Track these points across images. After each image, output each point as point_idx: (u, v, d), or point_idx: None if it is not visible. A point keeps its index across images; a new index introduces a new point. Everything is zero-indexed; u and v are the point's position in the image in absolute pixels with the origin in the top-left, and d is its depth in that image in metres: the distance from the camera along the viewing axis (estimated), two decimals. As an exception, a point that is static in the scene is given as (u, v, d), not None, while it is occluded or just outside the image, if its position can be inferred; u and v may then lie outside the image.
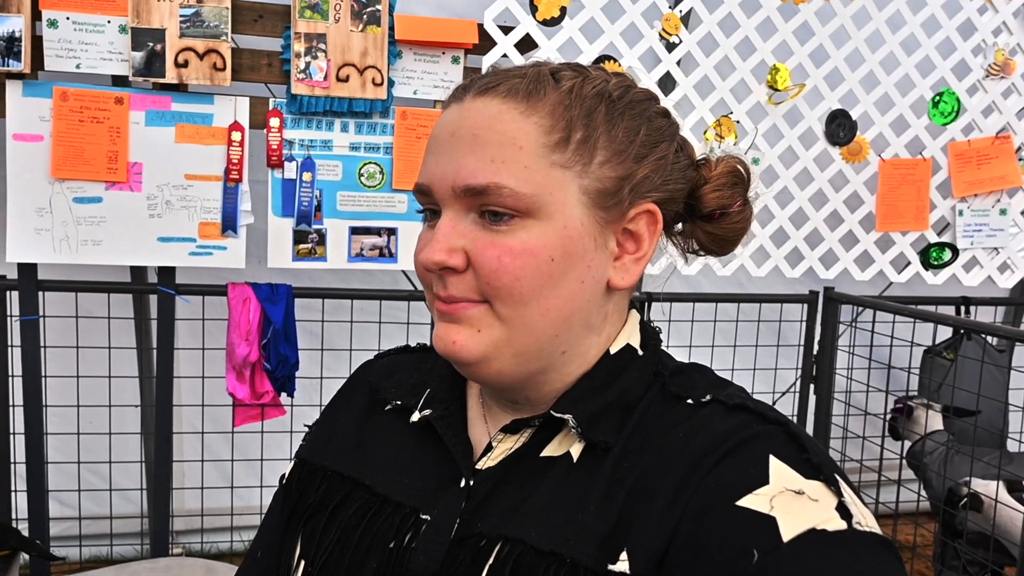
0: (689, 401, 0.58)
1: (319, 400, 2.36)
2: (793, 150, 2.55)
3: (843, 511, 0.48)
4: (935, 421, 2.51)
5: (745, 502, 0.49)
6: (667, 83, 2.47)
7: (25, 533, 2.11)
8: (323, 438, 0.70)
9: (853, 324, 2.82)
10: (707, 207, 0.63)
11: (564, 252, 0.55)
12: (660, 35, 2.39)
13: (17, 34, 1.99)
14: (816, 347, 2.67)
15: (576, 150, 0.56)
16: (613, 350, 0.61)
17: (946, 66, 2.64)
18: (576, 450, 0.57)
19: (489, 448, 0.60)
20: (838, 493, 0.49)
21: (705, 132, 2.48)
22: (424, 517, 0.59)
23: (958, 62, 2.65)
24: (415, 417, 0.65)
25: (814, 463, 0.51)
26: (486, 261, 0.55)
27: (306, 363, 2.27)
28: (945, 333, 2.78)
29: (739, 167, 0.65)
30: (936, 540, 2.60)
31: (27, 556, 2.14)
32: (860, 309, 2.76)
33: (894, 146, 2.65)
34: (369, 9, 2.18)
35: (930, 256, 2.71)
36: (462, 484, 0.60)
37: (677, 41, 2.41)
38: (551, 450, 0.58)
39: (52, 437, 2.22)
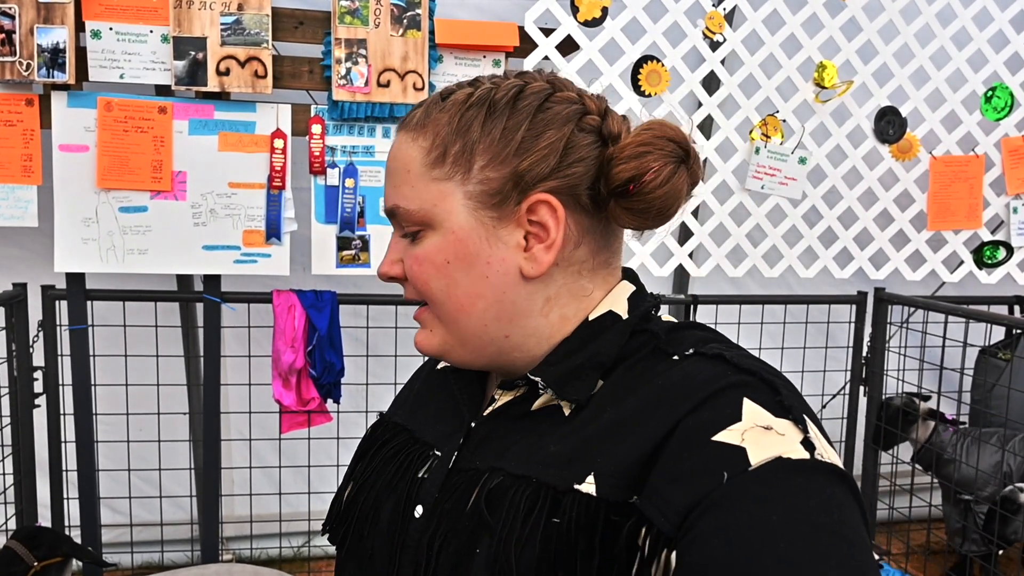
0: (675, 357, 0.57)
1: (365, 406, 2.17)
2: (841, 149, 2.29)
3: (807, 444, 0.49)
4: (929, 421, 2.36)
5: (719, 436, 0.49)
6: (711, 82, 2.23)
7: (77, 540, 1.97)
8: (402, 398, 0.75)
9: (904, 325, 2.54)
10: (613, 183, 0.57)
11: (456, 254, 0.58)
12: (704, 34, 2.15)
13: (61, 45, 1.83)
14: (866, 349, 2.41)
15: (454, 162, 0.57)
16: (592, 316, 0.60)
17: (999, 60, 2.36)
18: (567, 406, 0.58)
19: (493, 400, 0.63)
20: (804, 431, 0.50)
21: (751, 131, 2.23)
22: (436, 453, 0.63)
23: (1011, 55, 2.37)
24: (440, 366, 0.72)
25: (785, 404, 0.51)
26: (407, 271, 0.60)
27: (351, 369, 2.09)
28: (1000, 334, 2.49)
29: (651, 133, 0.57)
30: (946, 514, 2.42)
31: (79, 563, 1.99)
32: (911, 310, 2.48)
33: (945, 143, 2.37)
34: (409, 13, 1.98)
35: (984, 255, 2.43)
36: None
37: (721, 40, 2.17)
38: (539, 404, 0.60)
39: (102, 445, 2.07)
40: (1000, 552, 2.24)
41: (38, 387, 1.99)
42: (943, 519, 2.47)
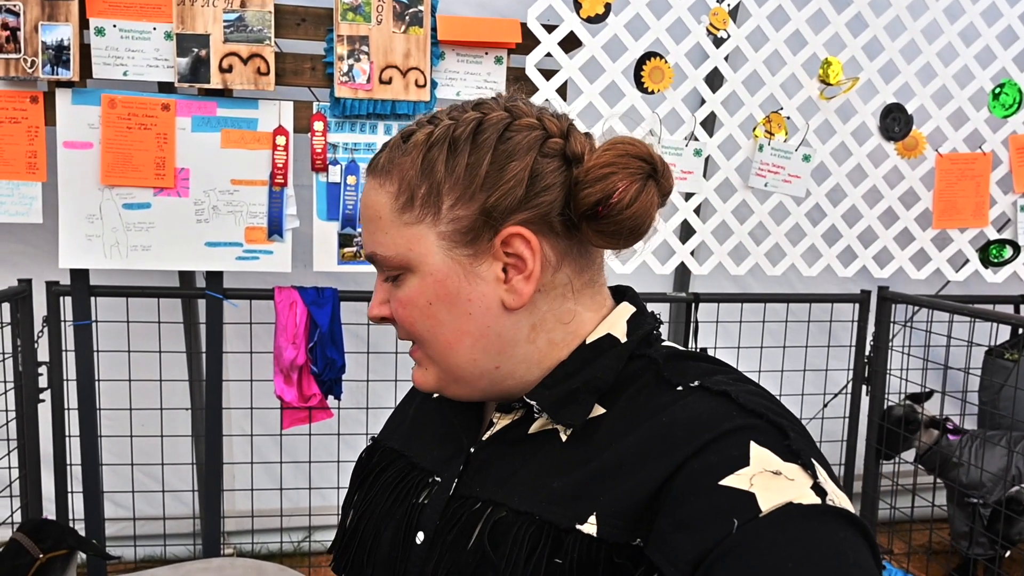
0: (679, 388, 0.56)
1: (366, 403, 2.19)
2: (846, 146, 2.29)
3: (818, 490, 0.48)
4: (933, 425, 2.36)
5: (727, 481, 0.49)
6: (715, 79, 2.23)
7: (82, 533, 1.99)
8: (396, 422, 0.74)
9: (908, 324, 2.54)
10: (581, 207, 0.56)
11: (437, 295, 0.58)
12: (708, 30, 2.14)
13: (66, 43, 1.85)
14: (869, 348, 2.40)
15: (422, 205, 0.57)
16: (590, 340, 0.60)
17: (1007, 56, 2.34)
18: (564, 431, 0.58)
19: (491, 424, 0.63)
20: (814, 476, 0.49)
21: (754, 129, 2.23)
22: (436, 479, 0.63)
23: (1020, 51, 2.36)
24: (436, 394, 0.70)
25: (793, 449, 0.50)
26: (394, 313, 0.61)
27: (352, 366, 2.10)
28: (1006, 333, 2.49)
29: (613, 152, 0.56)
30: (951, 516, 2.40)
31: (84, 556, 2.02)
32: (915, 309, 2.47)
33: (952, 140, 2.36)
34: (411, 10, 1.99)
35: (990, 253, 2.42)
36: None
37: (725, 36, 2.17)
38: (536, 427, 0.60)
39: (106, 440, 2.10)
40: (1007, 554, 2.24)
41: (43, 382, 2.01)
42: (947, 519, 2.47)
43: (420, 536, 0.60)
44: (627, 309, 0.62)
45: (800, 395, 2.44)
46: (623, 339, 0.60)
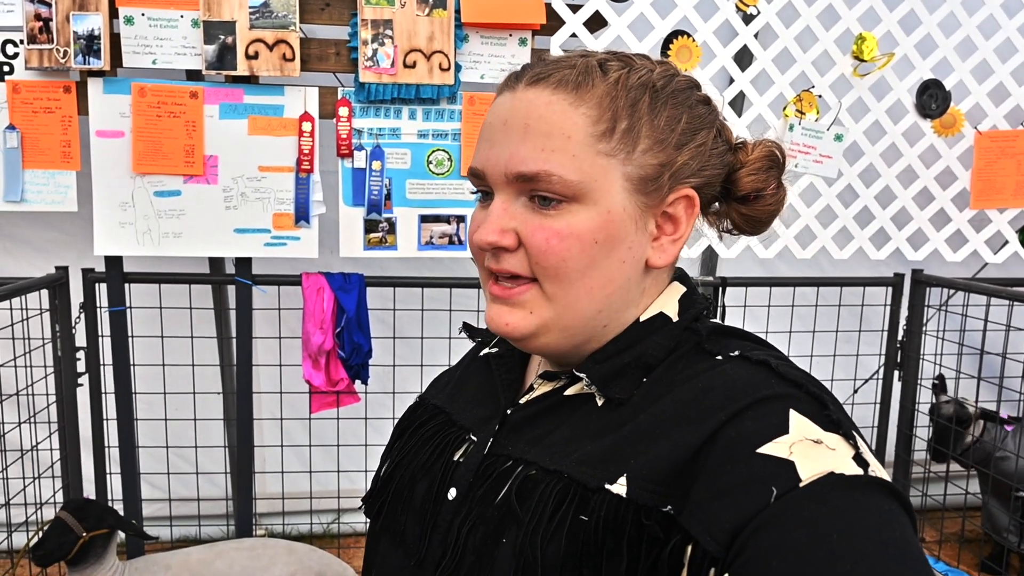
0: (718, 357, 0.57)
1: (392, 387, 2.25)
2: (880, 124, 2.27)
3: (860, 461, 0.48)
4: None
5: (765, 449, 0.48)
6: (744, 57, 2.22)
7: (121, 513, 2.09)
8: (442, 383, 0.76)
9: (943, 308, 2.53)
10: (742, 190, 0.63)
11: (607, 235, 0.57)
12: (737, 7, 2.14)
13: (96, 32, 1.91)
14: (901, 332, 2.40)
15: (620, 139, 0.56)
16: (643, 318, 0.61)
17: (1052, 28, 2.30)
18: (600, 395, 0.59)
19: (531, 388, 0.64)
20: (855, 447, 0.49)
21: (785, 108, 2.23)
22: (472, 438, 0.64)
23: (1066, 23, 2.31)
24: (483, 352, 0.73)
25: (833, 419, 0.50)
26: (536, 242, 0.56)
27: (378, 351, 2.17)
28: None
29: (775, 151, 0.65)
30: (990, 510, 2.39)
31: (123, 535, 2.12)
32: (951, 292, 2.46)
33: (992, 117, 2.33)
34: (435, -8, 2.02)
35: (1030, 235, 2.39)
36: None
37: (755, 12, 2.16)
38: (573, 391, 0.61)
39: (141, 423, 2.19)
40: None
41: (81, 366, 2.11)
42: (981, 509, 2.47)
43: (453, 492, 0.61)
44: (678, 289, 0.64)
45: (830, 380, 2.45)
46: (675, 318, 0.61)
